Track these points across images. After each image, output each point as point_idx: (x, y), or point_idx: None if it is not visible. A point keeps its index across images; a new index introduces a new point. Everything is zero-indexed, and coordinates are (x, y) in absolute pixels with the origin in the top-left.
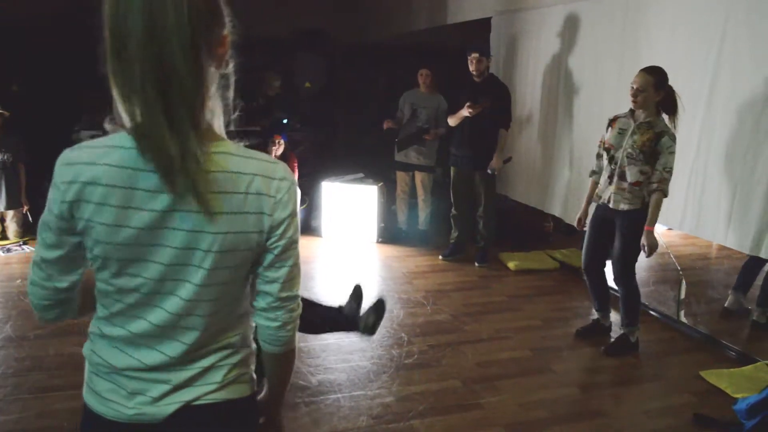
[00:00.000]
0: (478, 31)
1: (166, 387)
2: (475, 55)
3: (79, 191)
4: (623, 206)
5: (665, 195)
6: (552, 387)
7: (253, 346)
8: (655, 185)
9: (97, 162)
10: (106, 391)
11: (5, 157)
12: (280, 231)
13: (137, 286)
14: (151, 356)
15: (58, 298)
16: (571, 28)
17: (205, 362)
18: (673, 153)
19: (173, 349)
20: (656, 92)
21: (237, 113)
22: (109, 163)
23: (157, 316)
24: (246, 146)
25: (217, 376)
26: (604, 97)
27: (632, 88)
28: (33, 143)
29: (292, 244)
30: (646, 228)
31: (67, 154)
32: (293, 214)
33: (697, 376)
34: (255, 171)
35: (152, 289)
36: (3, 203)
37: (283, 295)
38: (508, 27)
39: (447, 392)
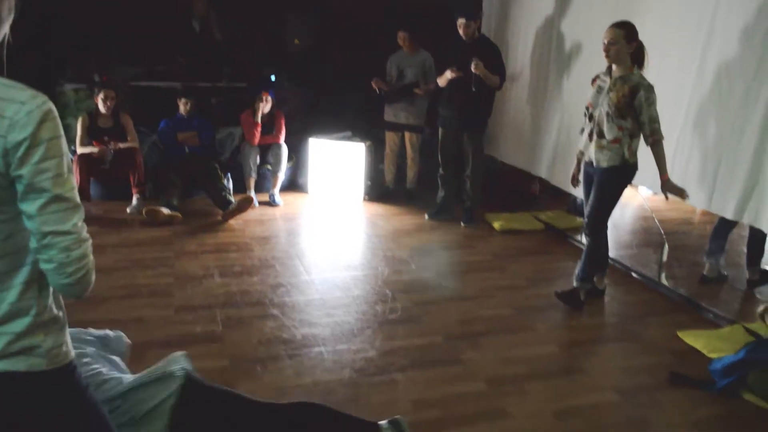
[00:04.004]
0: None
1: None
2: (461, 20)
3: None
4: (603, 164)
5: (663, 139)
6: (533, 344)
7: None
8: (649, 139)
9: None
10: None
11: None
12: (18, 155)
13: None
14: None
15: None
16: None
17: None
18: (652, 103)
19: None
20: (628, 44)
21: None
22: None
23: None
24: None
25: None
26: (595, 60)
27: (604, 43)
28: None
29: (42, 173)
30: (662, 178)
31: None
32: (35, 138)
33: (675, 336)
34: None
35: None
36: None
37: (47, 229)
38: None
39: (429, 348)
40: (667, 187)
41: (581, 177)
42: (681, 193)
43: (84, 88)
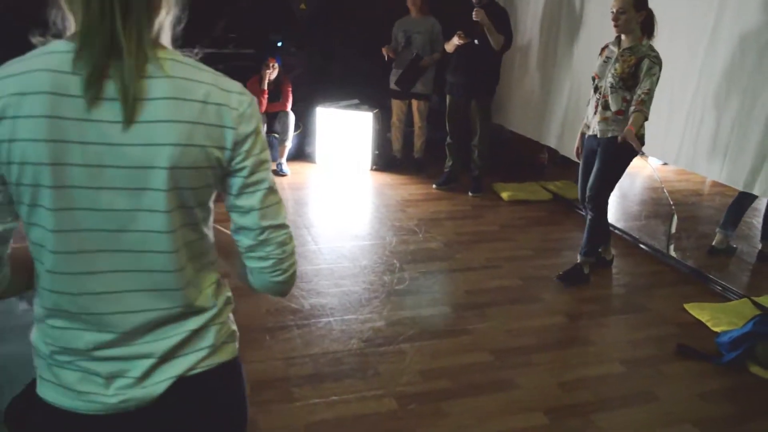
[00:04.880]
0: None
1: (149, 362)
2: None
3: (2, 107)
4: (607, 135)
5: (645, 117)
6: (540, 315)
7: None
8: (632, 107)
9: (25, 71)
10: (76, 382)
11: None
12: (246, 147)
13: (80, 222)
14: (121, 321)
15: None
16: None
17: (193, 323)
18: (653, 76)
19: (145, 302)
20: (637, 13)
21: (184, 23)
22: (39, 68)
23: (114, 262)
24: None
25: (209, 338)
26: (605, 30)
27: (612, 12)
28: None
29: (262, 164)
30: (628, 127)
31: None
32: (258, 131)
33: (682, 308)
34: (211, 81)
35: (100, 225)
36: None
37: (266, 224)
38: None
39: (436, 318)
40: (628, 135)
41: (583, 149)
42: (637, 146)
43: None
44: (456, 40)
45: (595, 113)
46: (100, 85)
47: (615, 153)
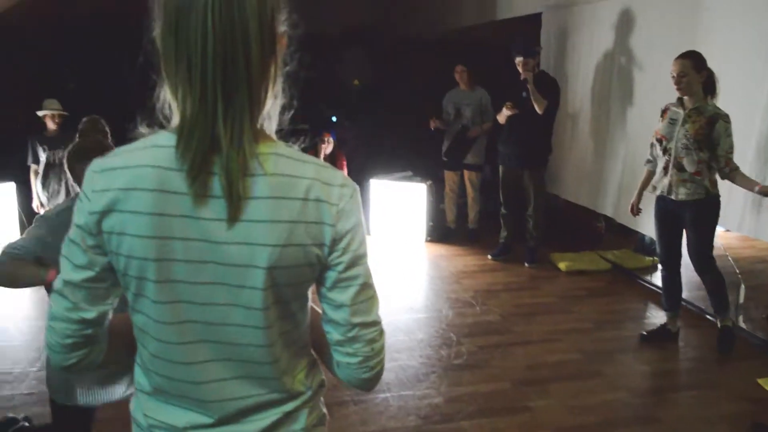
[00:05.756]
0: (524, 25)
1: None
2: (519, 59)
3: (111, 200)
4: (688, 198)
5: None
6: (602, 391)
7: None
8: (726, 169)
9: (132, 165)
10: None
11: (64, 153)
12: (343, 244)
13: (181, 314)
14: (220, 407)
15: (83, 333)
16: (623, 22)
17: (287, 406)
18: (731, 134)
19: (242, 390)
20: (698, 74)
21: (290, 114)
22: (145, 164)
23: (213, 352)
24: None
25: (301, 421)
26: (658, 93)
27: (673, 76)
28: None
29: (359, 259)
30: (756, 187)
31: (99, 161)
32: (358, 225)
33: (755, 383)
34: (312, 175)
35: (200, 317)
36: (62, 198)
37: (357, 320)
38: (559, 22)
39: (496, 394)
40: (763, 190)
41: (651, 212)
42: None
43: (156, 130)
44: (506, 111)
45: (665, 174)
46: (204, 182)
47: (702, 214)
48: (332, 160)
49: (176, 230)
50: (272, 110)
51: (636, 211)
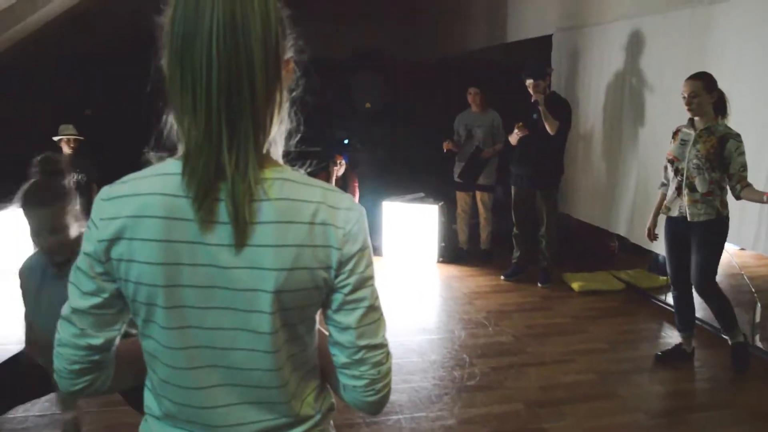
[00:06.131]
0: (535, 46)
1: None
2: (529, 81)
3: (119, 228)
4: (700, 218)
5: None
6: (618, 413)
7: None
8: (738, 186)
9: (140, 193)
10: None
11: (79, 177)
12: (349, 267)
13: (189, 339)
14: (227, 430)
15: (90, 359)
16: (634, 43)
17: (296, 430)
18: (743, 153)
19: (251, 415)
20: (709, 95)
21: (297, 138)
22: (152, 192)
23: (222, 376)
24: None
25: None
26: (670, 113)
27: (684, 97)
28: (105, 164)
29: (365, 282)
30: (766, 195)
31: (108, 189)
32: (364, 248)
33: None
34: (319, 199)
35: (208, 342)
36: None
37: (362, 343)
38: (570, 43)
39: (510, 416)
40: None
41: (663, 232)
42: None
43: (166, 155)
44: (517, 132)
45: (677, 195)
46: (210, 208)
47: (711, 235)
48: (345, 182)
49: (184, 256)
50: (278, 135)
51: (653, 236)
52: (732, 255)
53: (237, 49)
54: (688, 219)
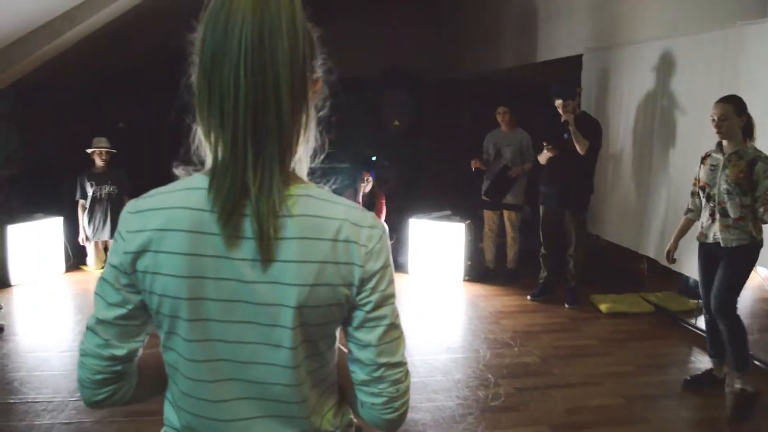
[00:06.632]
0: (563, 67)
1: None
2: (558, 101)
3: (146, 241)
4: (732, 243)
5: None
6: None
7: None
8: (762, 209)
9: (167, 206)
10: None
11: (111, 189)
12: (371, 284)
13: (212, 352)
14: None
15: (113, 370)
16: (665, 64)
17: None
18: None
19: (270, 428)
20: (739, 118)
21: (323, 156)
22: (179, 205)
23: (243, 390)
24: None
25: None
26: (701, 134)
27: (713, 120)
28: (137, 176)
29: (386, 300)
30: None
31: (135, 202)
32: (386, 266)
33: None
34: (342, 216)
35: (230, 356)
36: (109, 233)
37: (382, 361)
38: (600, 63)
39: None
40: None
41: (696, 256)
42: None
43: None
44: (546, 152)
45: (712, 221)
46: (236, 224)
47: (741, 260)
48: (371, 199)
49: (209, 270)
50: (303, 153)
51: (671, 259)
52: (765, 279)
53: (264, 68)
54: (722, 245)
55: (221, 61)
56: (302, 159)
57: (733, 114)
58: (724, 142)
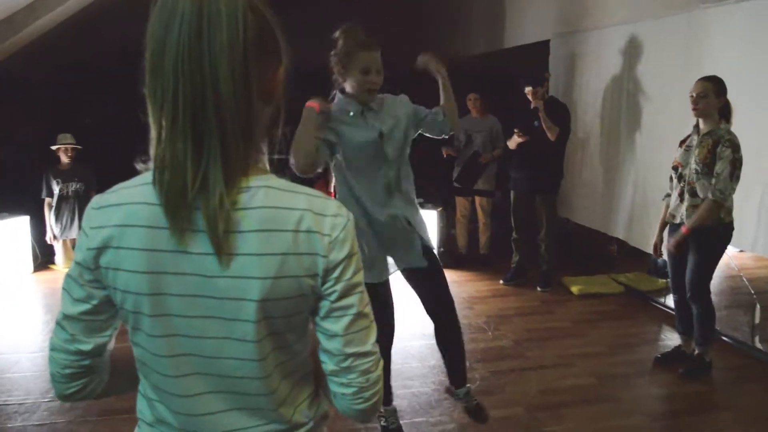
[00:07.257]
0: (531, 53)
1: None
2: (528, 89)
3: (107, 237)
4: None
5: (719, 202)
6: (619, 416)
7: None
8: (710, 195)
9: (127, 202)
10: None
11: (78, 186)
12: (336, 274)
13: (176, 347)
14: None
15: (81, 364)
16: (632, 47)
17: None
18: (726, 159)
19: (240, 421)
20: (717, 99)
21: (278, 147)
22: (138, 201)
23: (210, 384)
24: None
25: None
26: (668, 117)
27: (692, 96)
28: (104, 173)
29: (352, 289)
30: (682, 228)
31: (98, 198)
32: (351, 254)
33: None
34: (304, 206)
35: (195, 351)
36: (77, 230)
37: (350, 351)
38: (567, 48)
39: (510, 420)
40: (675, 237)
41: (669, 240)
42: (671, 246)
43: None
44: (516, 138)
45: (681, 201)
46: (187, 217)
47: (708, 241)
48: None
49: (168, 265)
50: (263, 143)
51: (659, 252)
52: (731, 257)
53: (201, 60)
54: (686, 225)
55: (162, 54)
56: (263, 150)
57: (711, 93)
58: (700, 122)
